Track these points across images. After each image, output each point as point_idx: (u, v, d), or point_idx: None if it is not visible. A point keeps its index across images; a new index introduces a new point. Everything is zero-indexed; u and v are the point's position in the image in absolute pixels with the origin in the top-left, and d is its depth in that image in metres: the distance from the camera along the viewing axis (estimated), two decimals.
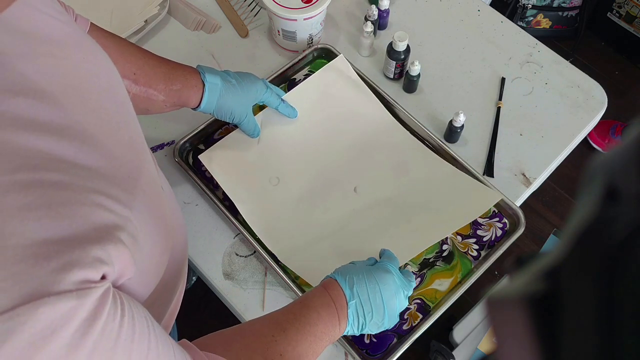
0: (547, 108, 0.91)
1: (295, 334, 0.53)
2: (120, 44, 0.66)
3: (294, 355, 0.52)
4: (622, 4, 1.83)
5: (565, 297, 0.19)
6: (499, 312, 0.21)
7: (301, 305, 0.57)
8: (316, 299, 0.58)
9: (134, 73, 0.67)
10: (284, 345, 0.52)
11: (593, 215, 0.18)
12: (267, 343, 0.51)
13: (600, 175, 0.19)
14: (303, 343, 0.53)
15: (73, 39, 0.41)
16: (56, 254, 0.29)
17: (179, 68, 0.72)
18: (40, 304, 0.27)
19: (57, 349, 0.28)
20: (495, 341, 0.22)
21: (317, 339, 0.55)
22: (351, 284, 0.60)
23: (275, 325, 0.54)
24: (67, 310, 0.28)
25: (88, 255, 0.30)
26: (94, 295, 0.30)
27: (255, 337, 0.52)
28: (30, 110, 0.32)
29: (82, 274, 0.30)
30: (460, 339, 1.18)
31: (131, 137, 0.43)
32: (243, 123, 0.79)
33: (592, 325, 0.17)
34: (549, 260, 0.20)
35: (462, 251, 0.78)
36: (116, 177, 0.37)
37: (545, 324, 0.19)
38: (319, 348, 0.56)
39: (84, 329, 0.29)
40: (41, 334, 0.27)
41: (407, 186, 0.82)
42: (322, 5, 0.87)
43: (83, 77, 0.40)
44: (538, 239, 1.59)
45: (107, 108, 0.41)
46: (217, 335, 0.52)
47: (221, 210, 0.79)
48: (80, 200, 0.32)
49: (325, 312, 0.57)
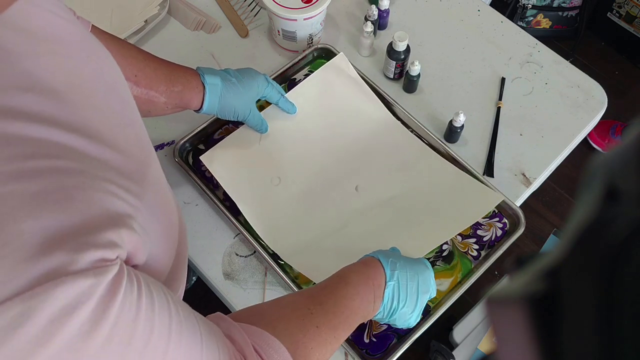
0: (547, 108, 0.91)
1: (332, 307, 0.54)
2: (121, 46, 0.66)
3: (330, 327, 0.52)
4: (622, 4, 1.83)
5: (565, 297, 0.19)
6: (499, 312, 0.21)
7: (339, 280, 0.58)
8: (354, 275, 0.59)
9: (135, 75, 0.67)
10: (320, 317, 0.52)
11: (593, 215, 0.18)
12: (304, 315, 0.52)
13: (600, 175, 0.19)
14: (339, 316, 0.54)
15: (77, 38, 0.42)
16: (72, 236, 0.29)
17: (180, 70, 0.72)
18: (59, 283, 0.28)
19: (79, 325, 0.28)
20: (495, 341, 0.22)
21: (353, 313, 0.56)
22: (393, 267, 0.61)
23: (311, 299, 0.54)
24: (86, 288, 0.29)
25: (103, 237, 0.31)
26: (111, 273, 0.31)
27: (291, 310, 0.52)
28: (38, 106, 0.33)
29: (98, 254, 0.30)
30: (460, 339, 1.18)
31: (137, 135, 0.43)
32: (248, 119, 0.80)
33: (592, 326, 0.17)
34: (549, 260, 0.20)
35: (462, 251, 0.78)
36: (125, 170, 0.37)
37: (545, 324, 0.19)
38: (353, 322, 0.56)
39: (104, 304, 0.30)
40: (62, 311, 0.28)
41: (408, 185, 0.82)
42: (322, 5, 0.87)
43: (88, 76, 0.40)
44: (538, 239, 1.59)
45: (112, 106, 0.41)
46: (252, 308, 0.53)
47: (221, 210, 0.79)
48: (93, 187, 0.33)
49: (362, 288, 0.58)
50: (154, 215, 0.40)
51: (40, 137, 0.32)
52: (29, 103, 0.32)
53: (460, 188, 0.81)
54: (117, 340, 0.31)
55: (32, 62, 0.35)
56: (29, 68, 0.34)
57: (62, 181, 0.31)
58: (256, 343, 0.46)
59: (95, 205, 0.32)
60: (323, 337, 0.51)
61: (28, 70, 0.34)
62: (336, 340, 0.54)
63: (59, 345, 0.28)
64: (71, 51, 0.40)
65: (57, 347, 0.28)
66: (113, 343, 0.30)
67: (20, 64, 0.34)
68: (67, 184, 0.31)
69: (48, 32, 0.38)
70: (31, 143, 0.31)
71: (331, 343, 0.53)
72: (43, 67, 0.36)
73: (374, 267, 0.61)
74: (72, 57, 0.39)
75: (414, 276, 0.62)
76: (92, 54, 0.43)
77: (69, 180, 0.31)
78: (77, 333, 0.28)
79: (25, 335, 0.27)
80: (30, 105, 0.32)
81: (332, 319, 0.53)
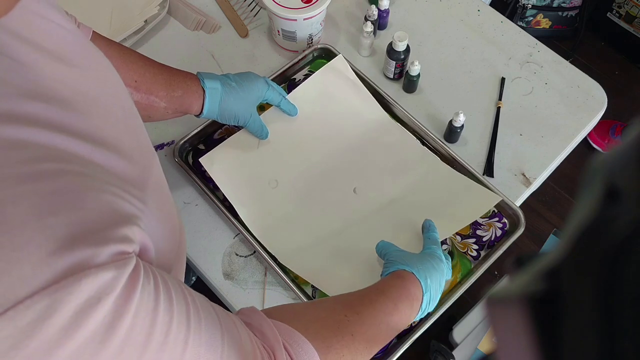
0: (547, 108, 0.91)
1: (369, 318, 0.53)
2: (122, 51, 0.67)
3: (364, 338, 0.52)
4: (622, 4, 1.83)
5: (565, 297, 0.19)
6: (499, 312, 0.21)
7: (378, 293, 0.57)
8: (395, 291, 0.58)
9: (135, 80, 0.67)
10: (356, 326, 0.51)
11: (593, 215, 0.18)
12: (339, 321, 0.51)
13: (600, 175, 0.19)
14: (375, 329, 0.53)
15: (78, 48, 0.42)
16: (91, 231, 0.31)
17: (180, 75, 0.72)
18: (83, 276, 0.29)
19: (102, 317, 0.29)
20: (495, 341, 0.22)
21: (390, 328, 0.55)
22: (425, 276, 0.61)
23: (349, 307, 0.53)
24: (109, 280, 0.30)
25: (119, 232, 0.32)
26: (130, 266, 0.32)
27: (327, 313, 0.52)
28: (45, 113, 0.34)
29: (117, 247, 0.31)
30: (460, 339, 1.18)
31: (139, 141, 0.44)
32: (249, 124, 0.80)
33: (592, 326, 0.17)
34: (549, 260, 0.20)
35: (462, 251, 0.78)
36: (129, 176, 0.38)
37: (545, 324, 0.19)
38: (388, 338, 0.56)
39: (125, 296, 0.31)
40: (87, 303, 0.29)
41: (407, 186, 0.82)
42: (322, 5, 0.87)
43: (90, 85, 0.41)
44: (538, 239, 1.59)
45: (115, 114, 0.42)
46: (285, 306, 0.53)
47: (221, 210, 0.79)
48: (102, 189, 0.34)
49: (403, 305, 0.57)
50: (157, 219, 0.41)
51: (49, 143, 0.33)
52: (36, 110, 0.33)
53: (458, 190, 0.81)
54: (139, 330, 0.32)
55: (38, 72, 0.36)
56: (35, 77, 0.35)
57: (74, 182, 0.32)
58: (286, 341, 0.46)
59: (106, 206, 0.33)
60: (356, 346, 0.51)
61: (34, 79, 0.35)
62: (368, 353, 0.52)
63: (85, 336, 0.29)
64: (74, 61, 0.40)
65: (82, 338, 0.29)
66: (135, 333, 0.31)
67: (27, 73, 0.35)
68: (79, 186, 0.32)
69: (51, 42, 0.39)
70: (42, 148, 0.32)
71: (362, 354, 0.51)
72: (48, 77, 0.36)
73: (411, 281, 0.60)
74: (75, 67, 0.40)
75: (439, 278, 0.64)
76: (94, 63, 0.44)
77: (80, 183, 0.32)
78: (101, 324, 0.29)
79: (53, 327, 0.27)
80: (37, 112, 0.33)
81: (367, 330, 0.52)
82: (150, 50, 0.96)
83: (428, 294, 0.61)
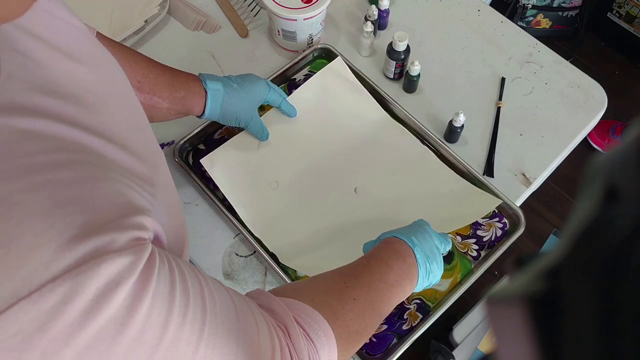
0: (547, 108, 0.91)
1: (367, 281, 0.56)
2: (125, 52, 0.67)
3: (367, 300, 0.54)
4: (622, 4, 1.83)
5: (565, 297, 0.19)
6: (499, 312, 0.21)
7: (369, 258, 0.60)
8: (383, 252, 0.61)
9: (138, 81, 0.67)
10: (357, 290, 0.54)
11: (593, 215, 0.18)
12: (340, 289, 0.53)
13: (600, 175, 0.19)
14: (375, 290, 0.55)
15: (88, 45, 0.43)
16: (108, 218, 0.32)
17: (182, 76, 0.73)
18: (102, 261, 0.30)
19: (123, 299, 0.30)
20: (495, 341, 0.22)
21: (389, 286, 0.57)
22: (408, 234, 0.63)
23: (346, 275, 0.56)
24: (127, 265, 0.31)
25: (135, 220, 0.33)
26: (147, 251, 0.33)
27: (327, 285, 0.54)
28: (59, 108, 0.35)
29: (134, 233, 0.33)
30: (460, 339, 1.18)
31: (146, 139, 0.45)
32: (250, 126, 0.80)
33: (592, 326, 0.17)
34: (549, 260, 0.20)
35: (462, 251, 0.78)
36: (139, 172, 0.39)
37: (545, 324, 0.19)
38: (392, 296, 0.57)
39: (143, 279, 0.32)
40: (106, 287, 0.30)
41: (407, 186, 0.82)
42: (322, 5, 0.87)
43: (100, 82, 0.41)
44: (538, 239, 1.59)
45: (124, 111, 0.43)
46: (288, 285, 0.55)
47: (221, 210, 0.79)
48: (116, 179, 0.35)
49: (394, 262, 0.59)
50: (165, 216, 0.42)
51: (64, 135, 0.34)
52: (50, 105, 0.34)
53: (458, 191, 0.81)
54: (157, 312, 0.32)
55: (51, 69, 0.37)
56: (48, 74, 0.36)
57: (89, 172, 0.33)
58: (297, 315, 0.47)
59: (121, 195, 0.34)
60: (360, 308, 0.53)
61: (47, 75, 0.36)
62: (375, 314, 0.55)
63: (106, 319, 0.30)
64: (84, 59, 0.41)
65: (104, 320, 0.29)
66: (154, 315, 0.32)
67: (41, 69, 0.36)
68: (94, 175, 0.33)
69: (62, 40, 0.40)
70: (57, 139, 0.33)
71: (370, 316, 0.54)
72: (60, 74, 0.37)
73: (395, 241, 0.62)
74: (85, 65, 0.41)
75: (425, 235, 0.64)
76: (102, 61, 0.44)
77: (95, 172, 0.33)
78: (121, 307, 0.30)
79: (75, 310, 0.28)
80: (51, 106, 0.34)
81: (368, 292, 0.54)
82: (150, 50, 0.96)
83: (419, 249, 0.62)
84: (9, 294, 0.27)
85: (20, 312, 0.27)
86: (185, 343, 0.35)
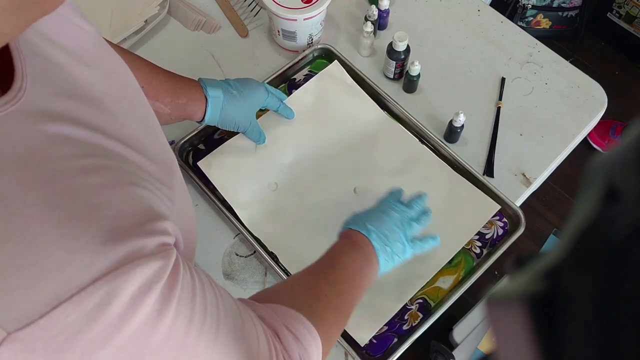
0: (547, 108, 0.91)
1: (333, 275, 0.59)
2: (130, 57, 0.67)
3: (335, 293, 0.57)
4: (622, 4, 1.83)
5: (565, 297, 0.19)
6: (499, 312, 0.21)
7: (329, 256, 0.62)
8: (341, 246, 0.63)
9: (142, 87, 0.67)
10: (325, 287, 0.57)
11: (593, 215, 0.18)
12: (312, 286, 0.57)
13: (600, 175, 0.19)
14: (341, 283, 0.58)
15: (99, 49, 0.43)
16: (137, 224, 0.32)
17: (184, 82, 0.73)
18: (135, 265, 0.31)
19: (153, 302, 0.31)
20: (495, 341, 0.22)
21: (353, 277, 0.60)
22: (361, 222, 0.65)
23: (313, 273, 0.59)
24: (157, 269, 0.32)
25: (160, 225, 0.34)
26: (173, 256, 0.34)
27: (301, 285, 0.57)
28: (80, 112, 0.35)
29: (160, 239, 0.34)
30: (460, 339, 1.18)
31: (160, 142, 0.45)
32: (248, 131, 0.81)
33: (592, 326, 0.17)
34: (549, 260, 0.20)
35: (466, 247, 0.79)
36: (158, 175, 0.40)
37: (545, 324, 0.19)
38: (359, 286, 0.60)
39: (170, 284, 0.33)
40: (140, 290, 0.31)
41: (406, 186, 0.82)
42: (322, 5, 0.87)
43: (113, 86, 0.42)
44: (538, 239, 1.59)
45: (138, 115, 0.43)
46: (266, 291, 0.57)
47: (221, 211, 0.79)
48: (140, 184, 0.35)
49: (354, 253, 0.62)
50: (180, 219, 0.42)
51: (89, 140, 0.34)
52: (72, 108, 0.35)
53: (458, 191, 0.81)
54: (182, 317, 0.34)
55: (69, 73, 0.37)
56: (67, 77, 0.37)
57: (117, 177, 0.34)
58: (284, 320, 0.49)
59: (145, 200, 0.35)
60: (333, 303, 0.56)
61: (67, 79, 0.36)
62: (345, 305, 0.57)
63: (140, 322, 0.31)
64: (97, 63, 0.41)
65: (138, 322, 0.31)
66: (179, 320, 0.33)
67: (60, 73, 0.36)
68: (121, 180, 0.34)
69: (76, 45, 0.40)
70: (83, 144, 0.34)
71: (342, 308, 0.57)
72: (79, 78, 0.38)
73: (350, 234, 0.64)
74: (99, 69, 0.41)
75: (380, 216, 0.66)
76: (114, 65, 0.45)
77: (121, 177, 0.34)
78: (152, 310, 0.31)
79: (113, 312, 0.29)
80: (74, 111, 0.35)
81: (334, 286, 0.57)
82: (150, 50, 0.96)
83: (375, 235, 0.63)
84: (51, 296, 0.28)
85: (63, 314, 0.28)
86: (203, 349, 0.36)
